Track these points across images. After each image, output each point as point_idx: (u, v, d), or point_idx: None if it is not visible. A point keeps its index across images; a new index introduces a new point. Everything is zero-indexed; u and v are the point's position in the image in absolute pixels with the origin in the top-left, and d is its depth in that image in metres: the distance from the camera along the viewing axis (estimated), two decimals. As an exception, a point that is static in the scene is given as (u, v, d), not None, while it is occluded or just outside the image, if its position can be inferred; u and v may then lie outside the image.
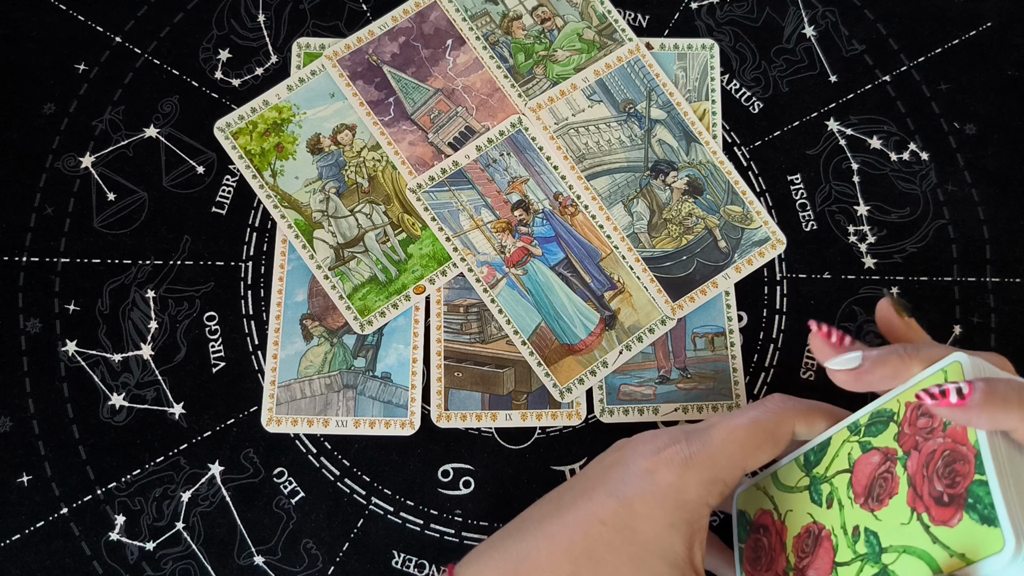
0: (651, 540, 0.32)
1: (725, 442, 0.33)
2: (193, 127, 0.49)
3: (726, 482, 0.33)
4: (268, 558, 0.43)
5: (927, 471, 0.29)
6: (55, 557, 0.43)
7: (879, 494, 0.31)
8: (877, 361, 0.32)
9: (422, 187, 0.48)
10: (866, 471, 0.32)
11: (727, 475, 0.33)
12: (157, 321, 0.46)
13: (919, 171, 0.50)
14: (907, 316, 0.36)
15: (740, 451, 0.33)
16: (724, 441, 0.33)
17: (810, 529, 0.34)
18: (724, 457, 0.33)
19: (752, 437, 0.33)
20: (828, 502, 0.33)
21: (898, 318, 0.36)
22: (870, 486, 0.31)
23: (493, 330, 0.47)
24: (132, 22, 0.51)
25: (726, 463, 0.33)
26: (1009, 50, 0.53)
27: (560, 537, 0.33)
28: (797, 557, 0.34)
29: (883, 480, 0.31)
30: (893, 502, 0.30)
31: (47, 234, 0.47)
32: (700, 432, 0.34)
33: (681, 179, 0.49)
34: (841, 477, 0.33)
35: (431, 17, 0.51)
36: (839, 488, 0.33)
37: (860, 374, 0.33)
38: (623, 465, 0.34)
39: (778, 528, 0.36)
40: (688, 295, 0.47)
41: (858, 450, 0.32)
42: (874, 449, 0.32)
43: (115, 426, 0.45)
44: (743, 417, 0.34)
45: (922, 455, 0.30)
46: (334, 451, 0.45)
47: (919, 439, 0.30)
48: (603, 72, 0.50)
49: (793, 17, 0.53)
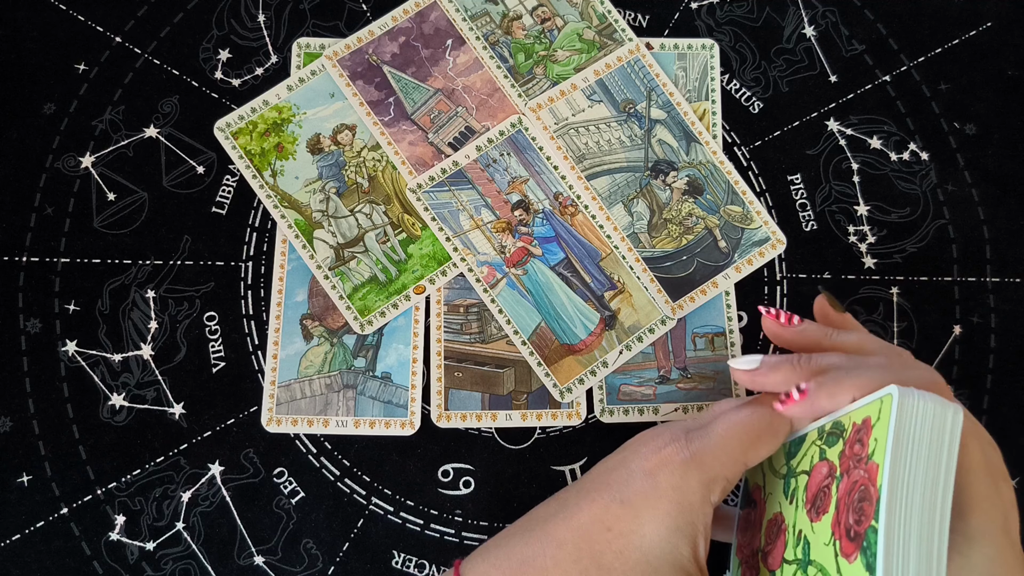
0: (657, 545, 0.32)
1: (724, 439, 0.33)
2: (193, 127, 0.49)
3: (728, 479, 0.33)
4: (268, 558, 0.43)
5: (848, 499, 0.29)
6: (55, 557, 0.43)
7: (819, 506, 0.31)
8: (772, 367, 0.35)
9: (422, 187, 0.48)
10: (816, 479, 0.32)
11: (728, 472, 0.33)
12: (157, 321, 0.46)
13: (919, 171, 0.50)
14: (841, 311, 0.40)
15: (739, 448, 0.33)
16: (723, 439, 0.33)
17: (776, 518, 0.35)
18: (724, 455, 0.33)
19: (751, 434, 0.34)
20: (791, 498, 0.34)
21: (835, 313, 0.40)
22: (816, 495, 0.32)
23: (493, 330, 0.47)
24: (132, 22, 0.51)
25: (726, 460, 0.33)
26: (1009, 50, 0.53)
27: (568, 543, 0.33)
28: (766, 541, 0.35)
29: (823, 493, 0.31)
30: (824, 519, 0.30)
31: (47, 234, 0.47)
32: (699, 430, 0.34)
33: (681, 179, 0.49)
34: (802, 477, 0.33)
35: (431, 17, 0.51)
36: (799, 487, 0.33)
37: (755, 375, 0.35)
38: (625, 467, 0.34)
39: (761, 507, 0.37)
40: (688, 295, 0.47)
41: (817, 455, 0.33)
42: (826, 459, 0.32)
43: (115, 426, 0.45)
44: (742, 413, 0.34)
45: (848, 482, 0.29)
46: (334, 451, 0.45)
47: (851, 464, 0.30)
48: (603, 72, 0.50)
49: (793, 17, 0.53)
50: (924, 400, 0.28)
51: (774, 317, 0.38)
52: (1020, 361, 0.48)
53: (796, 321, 0.38)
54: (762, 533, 0.36)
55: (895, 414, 0.28)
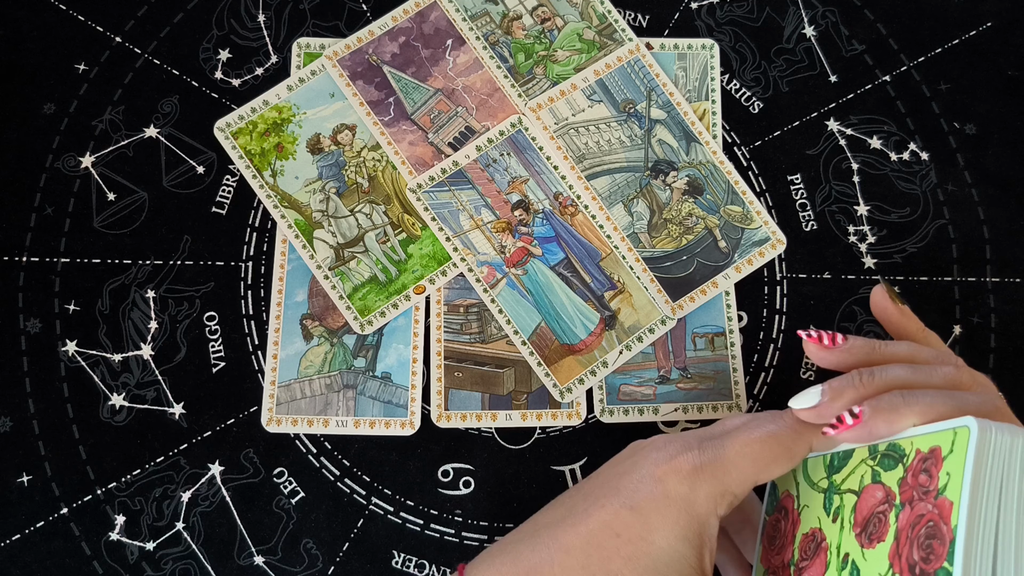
0: (665, 552, 0.32)
1: (738, 456, 0.33)
2: (193, 127, 0.49)
3: (736, 495, 0.33)
4: (268, 558, 0.43)
5: (912, 533, 0.28)
6: (55, 557, 0.43)
7: (872, 533, 0.30)
8: (836, 393, 0.32)
9: (422, 187, 0.48)
10: (869, 503, 0.31)
11: (738, 488, 0.33)
12: (157, 321, 0.46)
13: (919, 171, 0.50)
14: (901, 303, 0.37)
15: (752, 466, 0.33)
16: (737, 455, 0.33)
17: (815, 534, 0.34)
18: (736, 471, 0.32)
19: (766, 452, 0.33)
20: (835, 516, 0.33)
21: (892, 305, 0.37)
22: (867, 520, 0.30)
23: (493, 330, 0.47)
24: (132, 22, 0.51)
25: (737, 477, 0.32)
26: (1009, 50, 0.53)
27: (576, 550, 0.33)
28: (800, 555, 0.34)
29: (878, 520, 0.30)
30: (879, 547, 0.29)
31: (47, 234, 0.47)
32: (714, 441, 0.33)
33: (681, 179, 0.49)
34: (850, 497, 0.32)
35: (431, 17, 0.51)
36: (846, 507, 0.32)
37: (821, 410, 0.32)
38: (635, 472, 0.34)
39: (794, 518, 0.36)
40: (688, 295, 0.47)
41: (869, 476, 0.31)
42: (881, 483, 0.30)
43: (115, 426, 0.45)
44: (759, 430, 0.33)
45: (912, 513, 0.28)
46: (334, 451, 0.45)
47: (915, 495, 0.28)
48: (603, 72, 0.50)
49: (793, 17, 0.53)
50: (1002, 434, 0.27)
51: (817, 341, 0.35)
52: (1020, 361, 0.48)
53: (840, 340, 0.34)
54: (795, 547, 0.35)
55: (973, 451, 0.26)
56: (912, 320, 0.38)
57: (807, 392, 0.33)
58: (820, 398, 0.32)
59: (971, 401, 0.31)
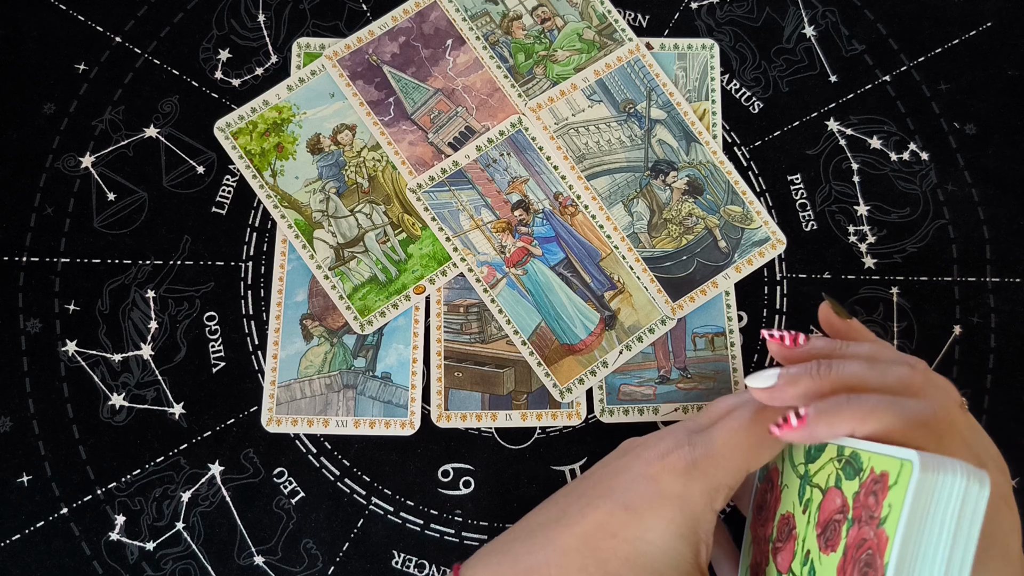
0: (663, 551, 0.32)
1: (727, 448, 0.33)
2: (193, 127, 0.49)
3: (730, 486, 0.33)
4: (268, 558, 0.43)
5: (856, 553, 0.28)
6: (55, 557, 0.43)
7: (828, 539, 0.30)
8: (791, 380, 0.33)
9: (422, 187, 0.48)
10: (829, 507, 0.31)
11: (731, 479, 0.33)
12: (157, 321, 0.46)
13: (919, 171, 0.50)
14: (847, 318, 0.38)
15: (742, 457, 0.33)
16: (726, 446, 0.33)
17: (789, 519, 0.34)
18: (727, 463, 0.33)
19: (751, 439, 0.33)
20: (805, 507, 0.33)
21: (839, 320, 0.38)
22: (827, 525, 0.31)
23: (493, 330, 0.47)
24: (132, 22, 0.51)
25: (729, 468, 0.33)
26: (1009, 50, 0.53)
27: (572, 551, 0.33)
28: (778, 534, 0.35)
29: (834, 528, 0.30)
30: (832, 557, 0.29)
31: (47, 234, 0.47)
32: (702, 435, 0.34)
33: (681, 179, 0.49)
34: (816, 493, 0.32)
35: (431, 17, 0.51)
36: (813, 502, 0.32)
37: (774, 392, 0.33)
38: (628, 472, 0.34)
39: (777, 494, 0.36)
40: (688, 295, 0.47)
41: (834, 479, 0.31)
42: (841, 491, 0.31)
43: (115, 426, 0.45)
44: (742, 417, 0.34)
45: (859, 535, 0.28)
46: (334, 451, 0.45)
47: (863, 515, 0.28)
48: (603, 72, 0.50)
49: (793, 17, 0.53)
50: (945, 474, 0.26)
51: (779, 340, 0.35)
52: (1020, 361, 0.48)
53: (802, 340, 0.35)
54: (774, 525, 0.35)
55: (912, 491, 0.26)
56: (861, 332, 0.38)
57: (764, 372, 0.33)
58: (775, 381, 0.33)
59: (913, 408, 0.30)
